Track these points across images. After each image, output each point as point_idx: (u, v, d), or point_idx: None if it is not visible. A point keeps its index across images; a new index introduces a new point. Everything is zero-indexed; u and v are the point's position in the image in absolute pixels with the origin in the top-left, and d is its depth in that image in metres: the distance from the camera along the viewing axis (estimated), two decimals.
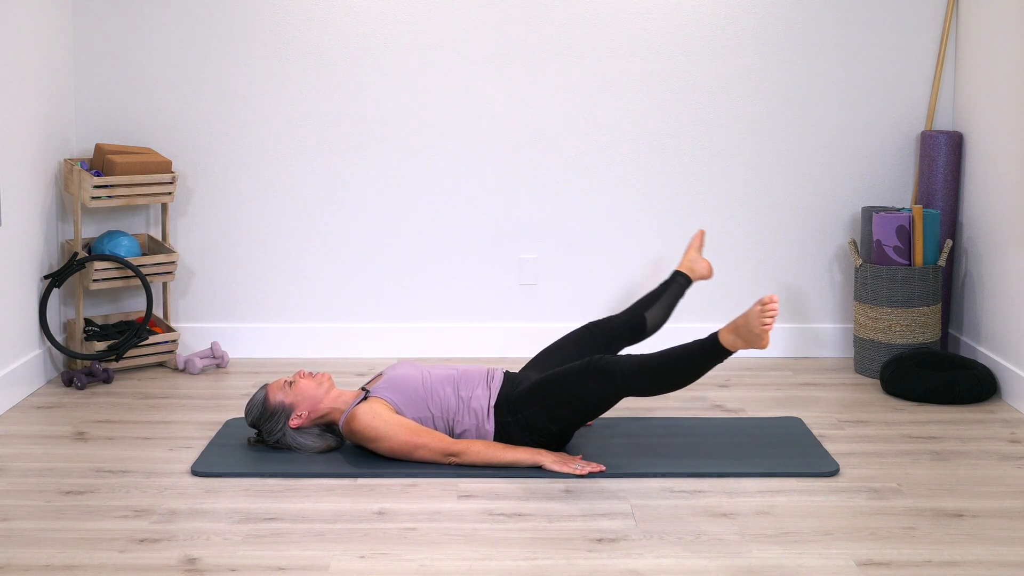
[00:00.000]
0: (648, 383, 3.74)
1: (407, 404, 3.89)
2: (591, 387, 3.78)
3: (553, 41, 5.13)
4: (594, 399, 3.79)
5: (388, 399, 3.88)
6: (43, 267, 4.90)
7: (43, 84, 4.84)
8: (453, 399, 3.91)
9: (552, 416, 3.82)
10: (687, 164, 5.20)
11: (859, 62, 5.14)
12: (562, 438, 3.88)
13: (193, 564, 3.13)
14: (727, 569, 3.11)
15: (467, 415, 3.89)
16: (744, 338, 3.67)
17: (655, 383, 3.74)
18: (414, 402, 3.90)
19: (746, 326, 3.65)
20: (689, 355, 3.72)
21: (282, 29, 5.12)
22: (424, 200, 5.22)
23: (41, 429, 4.27)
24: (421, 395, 3.91)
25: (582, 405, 3.80)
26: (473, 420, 3.89)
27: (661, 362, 3.73)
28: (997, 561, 3.15)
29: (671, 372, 3.72)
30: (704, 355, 3.71)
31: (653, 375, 3.73)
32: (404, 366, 4.02)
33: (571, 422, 3.84)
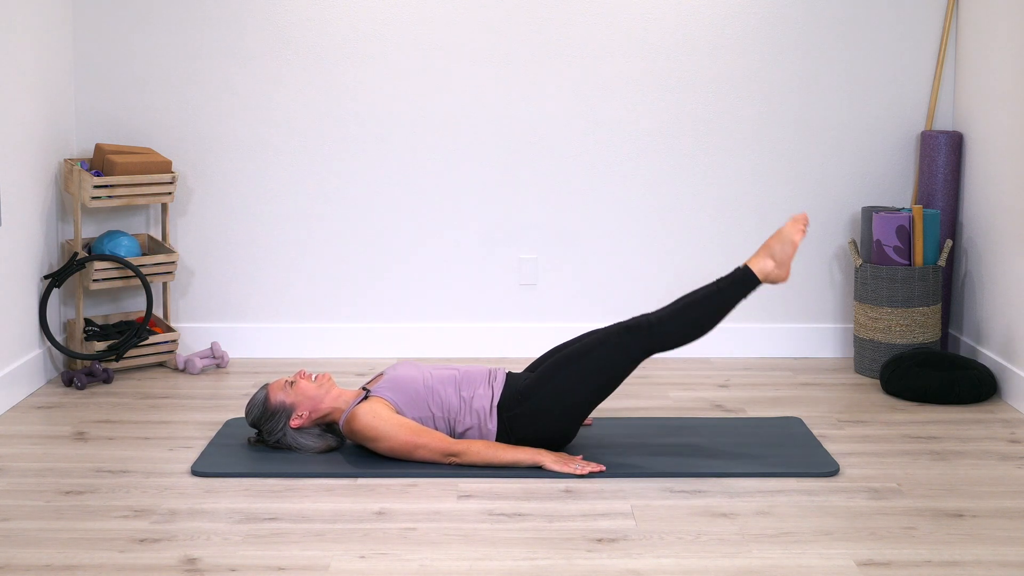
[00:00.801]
0: (677, 327, 3.78)
1: (408, 404, 3.89)
2: (618, 346, 3.78)
3: (553, 41, 5.13)
4: (621, 359, 3.79)
5: (389, 399, 3.88)
6: (43, 267, 4.90)
7: (43, 84, 4.84)
8: (455, 399, 3.90)
9: (568, 393, 3.81)
10: (687, 164, 5.20)
11: (859, 62, 5.14)
12: (570, 424, 3.86)
13: (193, 564, 3.13)
14: (727, 569, 3.11)
15: (469, 415, 3.89)
16: (776, 257, 3.78)
17: (685, 324, 3.77)
18: (415, 402, 3.90)
19: (779, 242, 3.77)
20: (719, 291, 3.79)
21: (282, 29, 5.12)
22: (424, 200, 5.22)
23: (41, 429, 4.27)
24: (422, 395, 3.91)
25: (606, 370, 3.79)
26: (475, 420, 3.89)
27: (688, 304, 3.79)
28: (997, 561, 3.15)
29: (701, 309, 3.77)
30: (734, 287, 3.78)
31: (682, 317, 3.77)
32: (405, 366, 4.02)
33: (586, 399, 3.82)
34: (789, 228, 3.85)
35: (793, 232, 3.84)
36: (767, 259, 3.85)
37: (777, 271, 3.86)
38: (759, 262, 3.85)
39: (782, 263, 3.85)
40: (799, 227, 3.85)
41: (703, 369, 5.09)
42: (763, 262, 3.85)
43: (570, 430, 3.89)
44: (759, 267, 3.85)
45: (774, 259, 3.84)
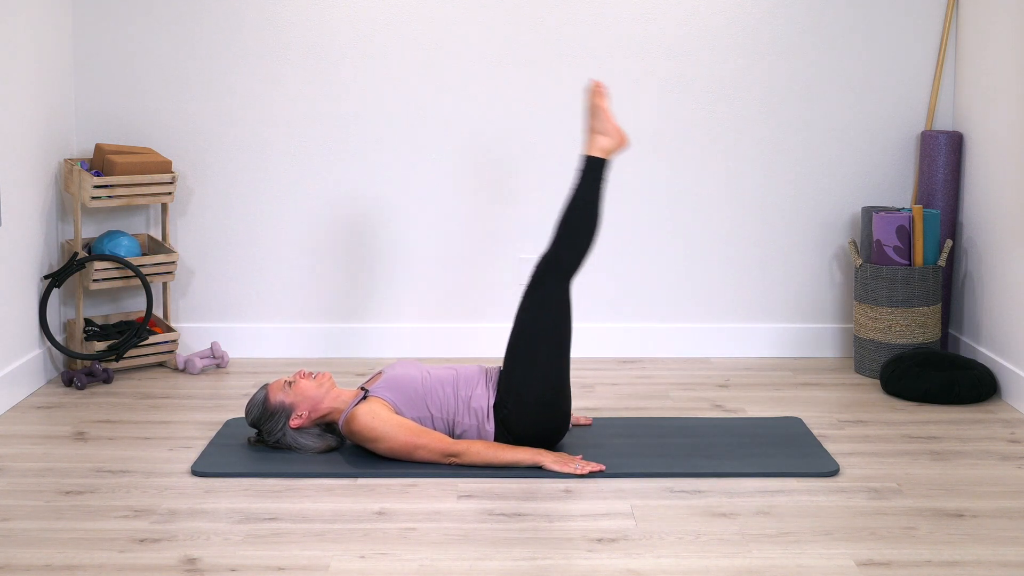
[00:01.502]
0: (572, 244, 3.88)
1: (407, 404, 3.89)
2: (544, 300, 3.85)
3: (553, 41, 5.13)
4: (554, 307, 3.85)
5: (387, 399, 3.88)
6: (43, 267, 4.90)
7: (43, 84, 4.84)
8: (452, 399, 3.90)
9: (537, 369, 3.83)
10: (687, 164, 5.20)
11: (859, 62, 5.14)
12: (557, 400, 3.85)
13: (193, 564, 3.13)
14: (727, 569, 3.11)
15: (467, 415, 3.89)
16: (599, 129, 3.93)
17: (577, 237, 3.87)
18: (414, 402, 3.90)
19: (592, 118, 3.93)
20: (581, 192, 3.90)
21: (282, 30, 5.12)
22: (424, 200, 5.22)
23: (41, 429, 4.27)
24: (420, 395, 3.90)
25: (549, 326, 3.84)
26: (473, 420, 3.89)
27: (566, 221, 3.90)
28: (997, 561, 3.15)
29: (580, 217, 3.88)
30: (589, 179, 3.91)
31: (570, 234, 3.87)
32: (403, 365, 4.02)
33: (555, 363, 3.83)
34: (589, 99, 3.97)
35: (593, 99, 3.97)
36: (595, 137, 3.96)
37: (610, 140, 3.96)
38: (592, 145, 3.96)
39: (608, 131, 3.96)
40: (594, 91, 3.96)
41: (703, 369, 5.09)
42: (594, 142, 3.96)
43: (560, 407, 3.87)
44: (595, 148, 3.96)
45: (599, 133, 3.96)
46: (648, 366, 5.14)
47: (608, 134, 3.97)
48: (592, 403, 4.58)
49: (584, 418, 4.28)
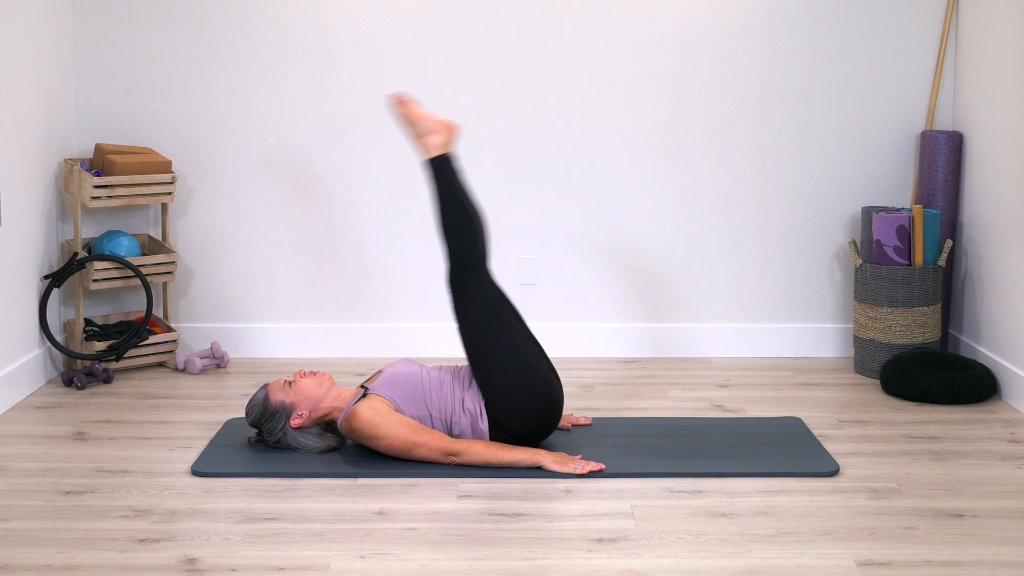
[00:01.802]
0: (462, 240, 3.93)
1: (406, 402, 3.89)
2: (472, 297, 3.90)
3: (553, 41, 5.13)
4: (485, 298, 3.90)
5: (388, 396, 3.88)
6: (43, 267, 4.90)
7: (43, 84, 4.84)
8: (449, 399, 3.91)
9: (501, 363, 3.86)
10: (687, 164, 5.20)
11: (859, 62, 5.14)
12: (536, 385, 3.87)
13: (193, 564, 3.13)
14: (727, 569, 3.11)
15: (463, 415, 3.90)
16: (424, 130, 3.99)
17: (459, 234, 3.92)
18: (413, 400, 3.90)
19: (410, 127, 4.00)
20: (441, 194, 3.95)
21: (282, 29, 5.12)
22: (424, 200, 5.22)
23: (41, 429, 4.27)
24: (420, 393, 3.91)
25: (490, 318, 3.89)
26: (468, 420, 3.89)
27: (444, 226, 3.95)
28: (997, 561, 3.15)
29: (452, 216, 3.93)
30: (441, 180, 3.95)
31: (453, 236, 3.92)
32: (403, 364, 4.02)
33: (521, 366, 3.86)
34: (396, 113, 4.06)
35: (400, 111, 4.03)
36: (424, 140, 4.00)
37: (439, 135, 4.00)
38: (426, 149, 4.00)
39: (431, 129, 4.00)
40: (397, 104, 4.02)
41: (703, 369, 5.09)
42: (426, 145, 4.00)
43: (547, 398, 3.88)
44: (431, 150, 3.99)
45: (425, 135, 4.00)
46: (648, 366, 5.14)
47: (434, 131, 4.00)
48: (592, 403, 4.58)
49: (584, 418, 4.29)
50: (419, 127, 4.01)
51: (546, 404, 3.90)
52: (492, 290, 3.93)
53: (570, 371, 5.05)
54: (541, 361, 3.94)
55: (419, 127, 4.01)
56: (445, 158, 3.98)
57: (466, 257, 3.93)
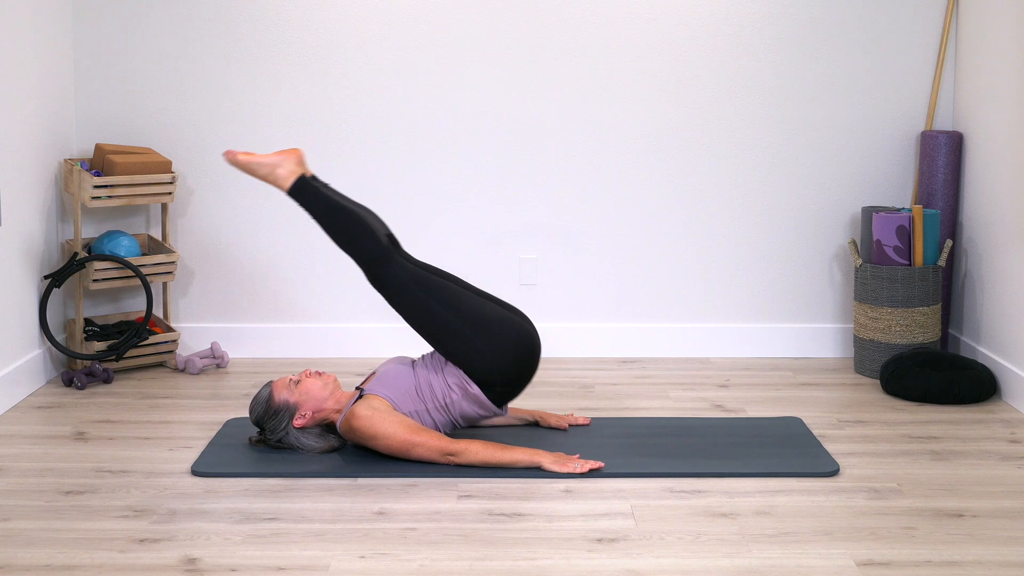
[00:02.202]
0: (358, 239, 3.94)
1: (402, 398, 3.89)
2: (401, 291, 3.92)
3: (553, 41, 5.13)
4: (413, 285, 3.92)
5: (383, 395, 3.89)
6: (43, 267, 4.90)
7: (43, 84, 4.84)
8: (437, 383, 3.92)
9: (480, 347, 3.89)
10: (687, 164, 5.20)
11: (859, 62, 5.14)
12: (515, 340, 3.90)
13: (193, 564, 3.13)
14: (727, 569, 3.11)
15: (452, 391, 3.90)
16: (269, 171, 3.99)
17: (355, 236, 3.93)
18: (408, 395, 3.90)
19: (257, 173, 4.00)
20: (316, 215, 3.97)
21: (282, 30, 5.12)
22: (424, 200, 5.22)
23: (41, 429, 4.27)
24: (413, 386, 3.92)
25: (425, 297, 3.91)
26: (459, 393, 3.90)
27: (336, 238, 3.96)
28: (997, 561, 3.15)
29: (338, 226, 3.95)
30: (308, 203, 3.97)
31: (350, 239, 3.93)
32: (394, 362, 4.03)
33: (484, 333, 3.89)
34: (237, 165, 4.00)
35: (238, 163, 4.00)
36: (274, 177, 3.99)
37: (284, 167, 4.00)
38: (281, 183, 3.99)
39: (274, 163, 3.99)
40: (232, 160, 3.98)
41: (703, 369, 5.09)
42: (278, 180, 3.99)
43: (525, 342, 3.91)
44: (284, 182, 3.99)
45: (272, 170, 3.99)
46: (648, 366, 5.14)
47: (277, 164, 4.00)
48: (592, 403, 4.58)
49: (582, 418, 4.29)
50: (261, 170, 4.01)
51: (516, 342, 3.91)
52: (412, 269, 3.96)
53: (570, 371, 5.05)
54: (491, 306, 3.94)
55: (261, 170, 4.01)
56: (301, 181, 3.99)
57: (372, 253, 3.94)
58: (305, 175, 3.99)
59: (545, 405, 4.55)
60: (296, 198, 3.98)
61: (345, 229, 3.94)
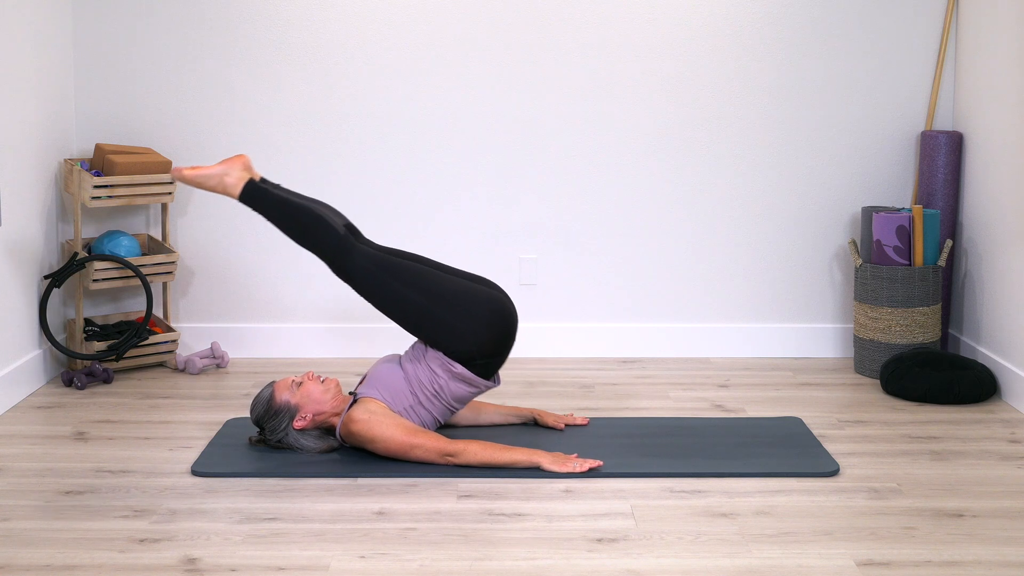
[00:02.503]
0: (316, 236, 3.95)
1: (395, 396, 3.90)
2: (367, 278, 3.93)
3: (553, 41, 5.13)
4: (376, 270, 3.93)
5: (377, 396, 3.89)
6: (43, 267, 4.90)
7: (43, 84, 4.84)
8: (423, 372, 3.92)
9: (422, 311, 3.91)
10: (687, 164, 5.20)
11: (859, 62, 5.14)
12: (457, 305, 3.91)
13: (193, 564, 3.13)
14: (727, 569, 3.11)
15: (439, 376, 3.90)
16: (218, 181, 3.99)
17: (313, 232, 3.94)
18: (400, 392, 3.91)
19: (207, 185, 4.00)
20: (272, 218, 3.98)
21: (282, 29, 5.12)
22: (423, 200, 5.22)
23: (41, 429, 4.27)
24: (403, 382, 3.92)
25: (390, 281, 3.92)
26: (445, 376, 3.91)
27: (296, 237, 3.97)
28: (997, 561, 3.15)
29: (296, 225, 3.95)
30: (261, 207, 3.97)
31: (309, 236, 3.94)
32: (382, 362, 4.04)
33: (429, 298, 3.91)
34: (185, 181, 4.01)
35: (186, 179, 4.01)
36: (224, 186, 4.00)
37: (231, 174, 4.00)
38: (232, 191, 3.99)
39: (222, 172, 4.00)
40: (180, 177, 4.01)
41: (703, 369, 5.09)
42: (228, 188, 4.00)
43: (480, 306, 3.91)
44: (234, 189, 3.99)
45: (220, 180, 4.00)
46: (648, 366, 5.14)
47: (224, 173, 4.01)
48: (592, 403, 4.58)
49: (581, 418, 4.29)
50: (209, 181, 4.01)
51: (487, 313, 3.92)
52: (374, 254, 3.96)
53: (570, 371, 5.05)
54: (459, 281, 3.95)
55: (209, 181, 4.01)
56: (251, 185, 3.99)
57: (332, 245, 3.95)
58: (254, 179, 4.00)
59: (545, 405, 4.55)
60: (248, 203, 3.99)
61: (301, 226, 3.94)
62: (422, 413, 3.93)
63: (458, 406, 4.00)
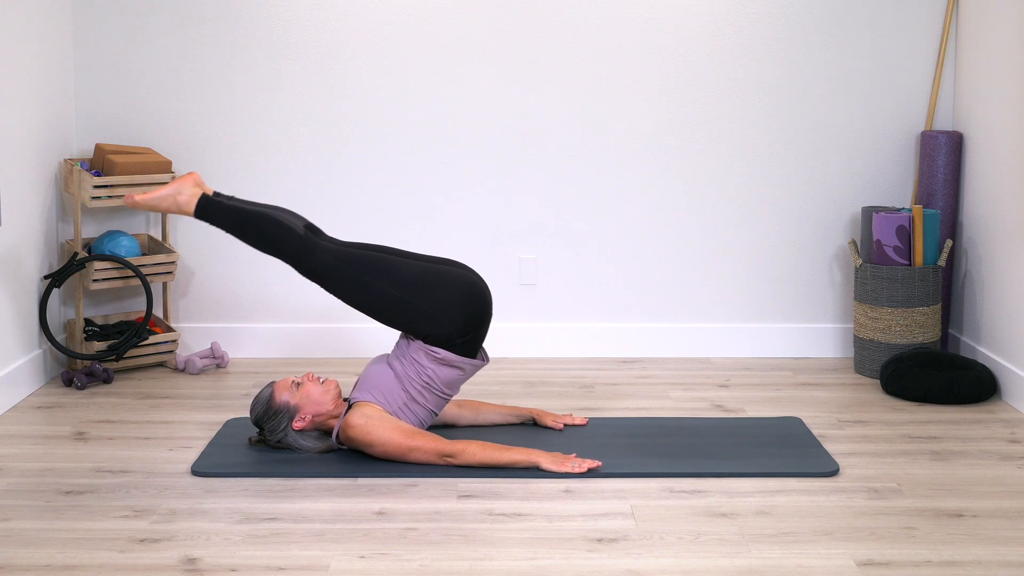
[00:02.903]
0: (279, 242, 3.93)
1: (388, 396, 3.90)
2: (336, 275, 3.91)
3: (553, 41, 5.13)
4: (341, 264, 3.92)
5: (371, 399, 3.89)
6: (43, 267, 4.90)
7: (43, 84, 4.84)
8: (410, 365, 3.92)
9: (394, 302, 3.91)
10: (687, 164, 5.20)
11: (859, 62, 5.14)
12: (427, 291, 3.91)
13: (193, 564, 3.13)
14: (727, 569, 3.11)
15: (425, 366, 3.90)
16: (171, 201, 4.00)
17: (275, 238, 3.93)
18: (392, 391, 3.91)
19: (161, 206, 4.01)
20: (233, 230, 3.98)
21: (282, 29, 5.12)
22: (424, 200, 5.22)
23: (41, 429, 4.27)
24: (393, 380, 3.92)
25: (359, 276, 3.91)
26: (430, 363, 3.90)
27: (261, 245, 3.95)
28: (997, 561, 3.15)
29: (259, 233, 3.93)
30: (218, 220, 3.96)
31: (274, 243, 3.92)
32: (372, 363, 4.03)
33: (402, 288, 3.91)
34: (138, 206, 4.01)
35: (138, 203, 4.02)
36: (177, 204, 3.99)
37: (184, 193, 4.00)
38: (186, 209, 3.98)
39: (171, 192, 3.99)
40: (132, 203, 4.01)
41: (703, 369, 5.09)
42: (182, 206, 3.99)
43: (451, 290, 3.91)
44: (186, 207, 3.98)
45: (174, 199, 3.99)
46: (648, 366, 5.14)
47: (176, 193, 4.00)
48: (592, 403, 4.58)
49: (580, 418, 4.29)
50: (163, 203, 4.01)
51: (458, 294, 3.92)
52: (338, 250, 3.95)
53: (570, 371, 5.05)
54: (426, 267, 3.95)
55: (163, 203, 4.01)
56: (204, 200, 3.99)
57: (294, 248, 3.94)
58: (207, 194, 3.99)
59: (545, 405, 4.55)
60: (204, 218, 3.98)
61: (261, 233, 3.93)
62: (416, 409, 3.93)
63: (451, 392, 3.99)
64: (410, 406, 3.92)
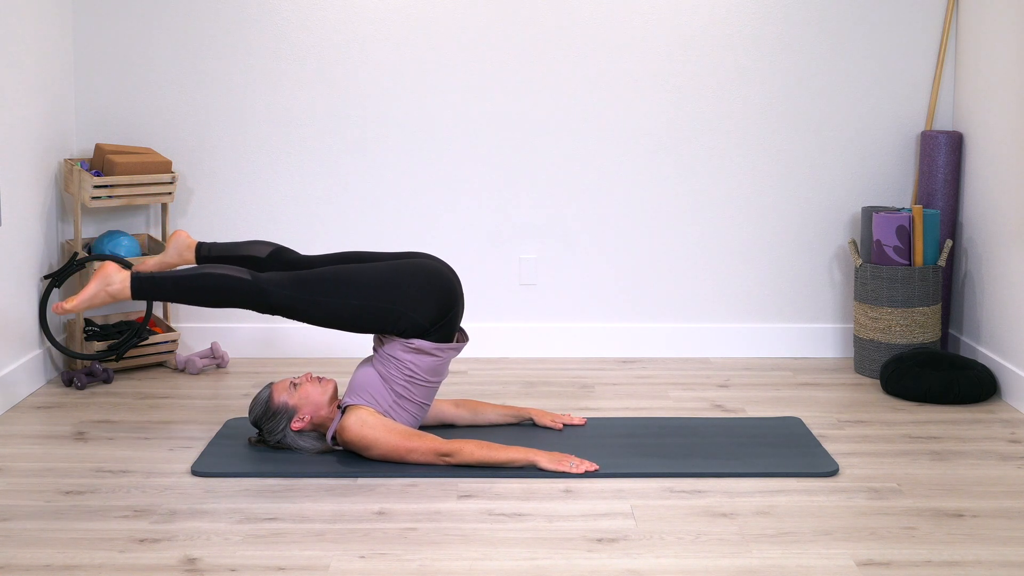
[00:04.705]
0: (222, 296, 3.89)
1: (378, 397, 3.90)
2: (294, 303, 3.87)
3: (553, 42, 5.14)
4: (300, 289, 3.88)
5: (363, 402, 3.89)
6: (43, 267, 4.90)
7: (43, 84, 4.84)
8: (392, 364, 3.92)
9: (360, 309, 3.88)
10: (687, 164, 5.21)
11: (859, 62, 5.14)
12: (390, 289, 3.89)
13: (193, 564, 3.13)
14: (727, 569, 3.11)
15: (407, 362, 3.89)
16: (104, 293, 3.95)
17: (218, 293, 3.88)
18: (379, 392, 3.91)
19: (94, 302, 3.97)
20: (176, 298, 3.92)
21: (282, 29, 5.12)
22: (424, 200, 5.23)
23: (41, 429, 4.27)
24: (379, 381, 3.92)
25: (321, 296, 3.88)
26: (411, 357, 3.89)
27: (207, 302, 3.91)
28: (997, 561, 3.15)
29: (197, 298, 3.90)
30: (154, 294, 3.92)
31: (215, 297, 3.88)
32: (358, 369, 4.02)
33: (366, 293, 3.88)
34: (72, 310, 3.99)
35: (73, 313, 4.03)
36: (109, 292, 3.95)
37: (111, 286, 3.95)
38: (119, 295, 3.95)
39: (98, 288, 3.95)
40: (60, 313, 3.99)
41: (703, 369, 5.09)
42: (114, 292, 3.95)
43: (415, 281, 3.90)
44: (122, 289, 3.94)
45: (104, 290, 3.96)
46: (648, 366, 5.14)
47: (107, 284, 3.95)
48: (592, 403, 4.58)
49: (578, 418, 4.29)
50: (96, 299, 3.97)
51: (421, 285, 3.91)
52: (286, 282, 3.90)
53: (570, 371, 5.05)
54: (383, 266, 3.94)
55: (96, 299, 3.97)
56: (136, 280, 3.94)
57: (245, 294, 3.88)
58: (137, 274, 3.94)
59: (545, 405, 4.55)
60: (143, 297, 3.93)
61: (206, 292, 3.89)
62: (407, 405, 3.93)
63: (436, 379, 3.97)
64: (400, 403, 3.92)
